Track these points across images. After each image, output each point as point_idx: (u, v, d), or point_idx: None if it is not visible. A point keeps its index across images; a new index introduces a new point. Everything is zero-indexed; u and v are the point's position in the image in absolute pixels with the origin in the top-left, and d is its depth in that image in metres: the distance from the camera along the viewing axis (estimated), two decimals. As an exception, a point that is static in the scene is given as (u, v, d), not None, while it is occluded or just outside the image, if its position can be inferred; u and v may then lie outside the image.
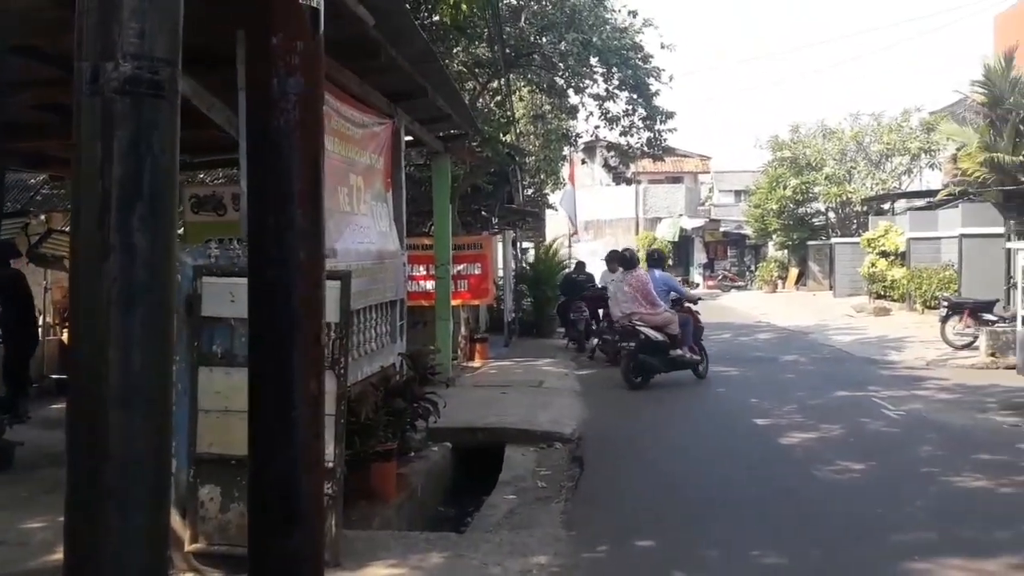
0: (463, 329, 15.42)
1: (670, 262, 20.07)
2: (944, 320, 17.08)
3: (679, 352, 13.28)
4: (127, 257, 1.78)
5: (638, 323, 13.08)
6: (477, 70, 16.55)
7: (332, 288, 5.04)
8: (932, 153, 32.70)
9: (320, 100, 2.21)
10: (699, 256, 46.50)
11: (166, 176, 1.85)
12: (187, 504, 5.17)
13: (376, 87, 8.48)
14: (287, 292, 2.05)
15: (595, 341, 16.92)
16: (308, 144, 2.08)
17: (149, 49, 1.79)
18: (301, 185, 2.06)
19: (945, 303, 17.63)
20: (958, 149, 23.16)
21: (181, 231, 12.78)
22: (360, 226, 7.91)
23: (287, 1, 2.05)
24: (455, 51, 14.78)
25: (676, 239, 43.40)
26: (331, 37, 6.31)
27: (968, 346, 16.31)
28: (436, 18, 11.93)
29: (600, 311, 17.77)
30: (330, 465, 5.05)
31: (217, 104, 6.09)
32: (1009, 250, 14.76)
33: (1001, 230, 19.35)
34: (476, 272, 15.41)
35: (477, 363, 15.15)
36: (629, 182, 27.23)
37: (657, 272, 14.42)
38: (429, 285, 13.51)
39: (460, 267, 14.90)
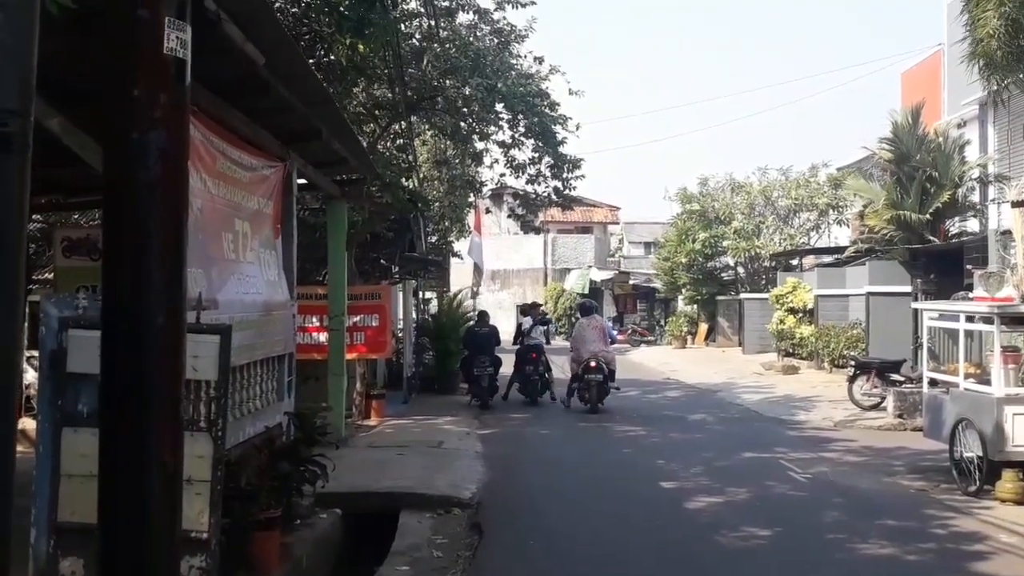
0: (358, 385, 15.21)
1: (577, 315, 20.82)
2: (851, 380, 17.59)
3: (613, 383, 17.88)
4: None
5: (602, 359, 17.50)
6: (377, 112, 16.55)
7: (211, 344, 4.93)
8: (840, 209, 33.78)
9: (185, 155, 2.16)
10: (609, 309, 47.04)
11: (12, 233, 1.77)
12: (45, 579, 4.92)
13: (268, 128, 8.40)
14: (141, 357, 1.99)
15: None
16: (170, 201, 2.04)
17: (-5, 99, 1.72)
18: (161, 244, 2.01)
19: (852, 363, 18.18)
20: (865, 206, 24.02)
21: (51, 276, 12.38)
22: (246, 275, 7.77)
23: (150, 52, 2.00)
24: (354, 92, 14.76)
25: (585, 291, 43.86)
26: (218, 75, 6.29)
27: (876, 407, 16.82)
28: (332, 58, 11.91)
29: (529, 367, 18.90)
30: (204, 536, 4.89)
31: (90, 143, 5.94)
32: (916, 310, 15.30)
33: (908, 289, 20.06)
34: (373, 324, 15.21)
35: (373, 421, 14.95)
36: (537, 231, 27.49)
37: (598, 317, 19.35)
38: (322, 337, 13.28)
39: (356, 318, 14.69)
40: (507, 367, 19.55)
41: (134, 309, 2.04)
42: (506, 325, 31.29)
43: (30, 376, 11.46)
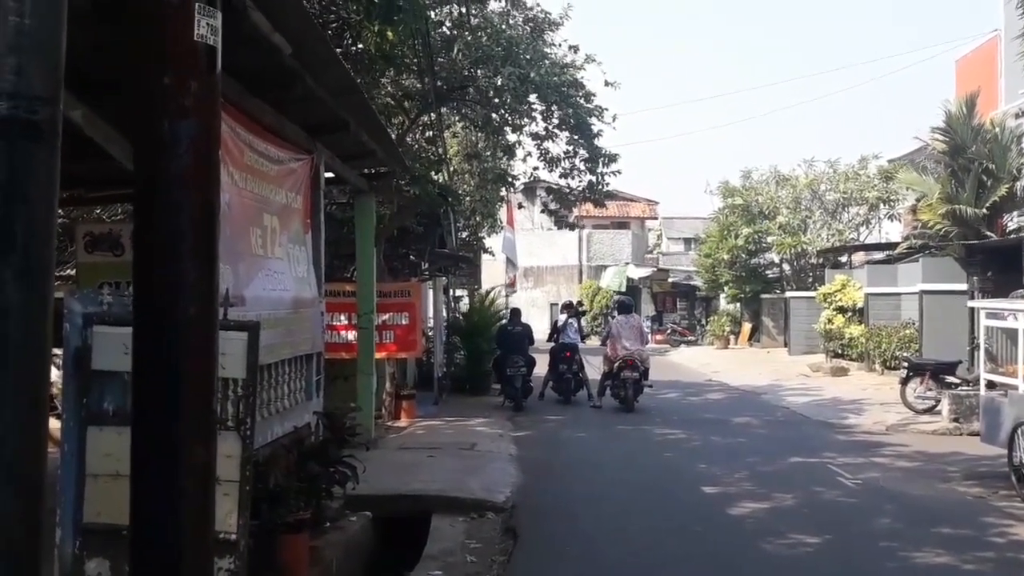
0: (388, 385, 15.29)
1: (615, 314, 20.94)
2: (904, 382, 17.42)
3: (647, 381, 18.44)
4: (-2, 314, 1.72)
5: (637, 357, 18.03)
6: (406, 103, 16.60)
7: (238, 341, 4.97)
8: (891, 203, 33.48)
9: (216, 145, 2.19)
10: (647, 308, 46.87)
11: (42, 226, 1.81)
12: (71, 581, 4.99)
13: (294, 120, 8.47)
14: (174, 353, 2.02)
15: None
16: (202, 192, 2.06)
17: (26, 87, 1.75)
18: (193, 237, 2.03)
19: (905, 364, 18.00)
20: (918, 200, 23.80)
21: (73, 272, 12.53)
22: (274, 271, 7.84)
23: (180, 38, 2.03)
24: (382, 82, 14.82)
25: (622, 288, 43.70)
26: (244, 66, 6.36)
27: (930, 410, 16.65)
28: (360, 46, 11.96)
29: (563, 366, 19.29)
30: (233, 538, 4.94)
31: (115, 136, 6.01)
32: (972, 309, 15.12)
33: (964, 287, 19.82)
34: (403, 322, 15.28)
35: (403, 422, 15.03)
36: (572, 227, 27.48)
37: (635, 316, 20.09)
38: (351, 336, 13.37)
39: (385, 316, 14.77)
40: (541, 367, 19.59)
41: (166, 303, 2.07)
42: (539, 324, 31.33)
43: (54, 374, 11.63)
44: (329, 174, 10.75)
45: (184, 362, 2.07)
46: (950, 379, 16.69)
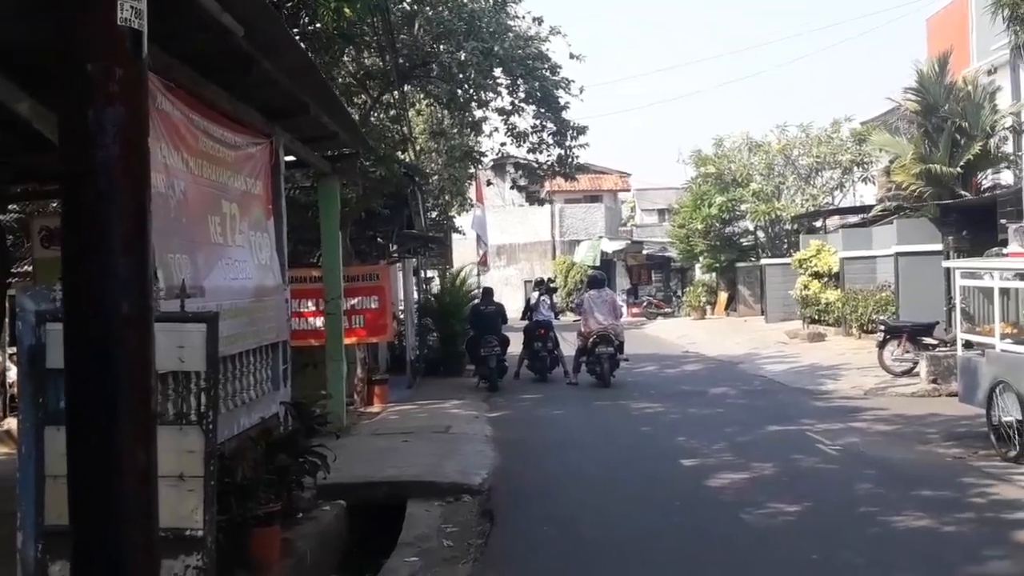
0: (359, 371, 15.25)
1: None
2: (881, 345, 17.59)
3: (623, 355, 18.48)
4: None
5: (611, 332, 18.06)
6: (368, 82, 16.50)
7: (197, 333, 4.95)
8: (864, 166, 33.65)
9: (146, 132, 2.15)
10: (622, 281, 46.97)
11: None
12: (35, 585, 4.96)
13: (252, 104, 8.38)
14: (107, 352, 1.99)
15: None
16: (132, 182, 2.03)
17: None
18: (123, 229, 2.00)
19: (882, 327, 18.17)
20: (891, 161, 23.95)
21: (29, 268, 12.41)
22: (235, 260, 7.78)
23: (104, 23, 1.99)
24: (342, 62, 14.70)
25: (596, 263, 43.75)
26: (197, 51, 6.28)
27: (908, 372, 16.83)
28: (318, 25, 11.85)
29: (537, 344, 19.35)
30: (200, 534, 4.93)
31: (62, 126, 5.92)
32: (948, 269, 15.24)
33: (939, 247, 19.98)
34: (373, 306, 15.23)
35: (376, 408, 15.01)
36: (543, 202, 27.49)
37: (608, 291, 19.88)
38: (319, 322, 13.32)
39: (354, 301, 14.72)
40: (515, 345, 19.62)
41: (97, 299, 2.04)
42: (513, 303, 31.32)
43: (13, 374, 11.53)
44: (290, 157, 10.67)
45: (119, 361, 2.04)
46: (927, 341, 16.87)
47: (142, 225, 2.08)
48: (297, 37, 8.98)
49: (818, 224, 32.86)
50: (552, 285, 24.10)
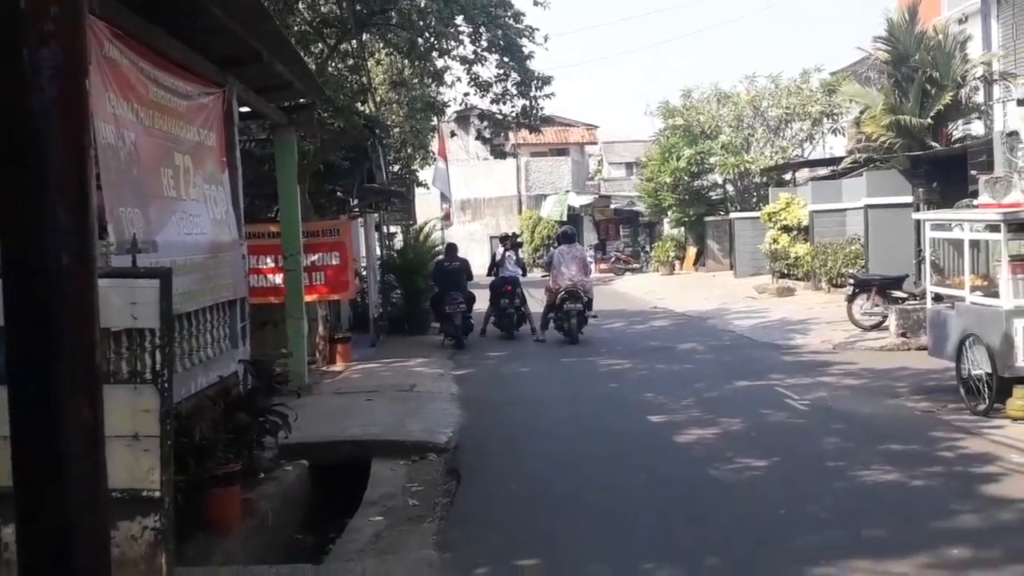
0: (321, 329, 15.21)
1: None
2: (851, 299, 17.74)
3: (591, 312, 18.59)
4: None
5: (580, 288, 18.09)
6: (325, 30, 16.25)
7: (150, 289, 4.88)
8: (834, 117, 33.75)
9: (84, 74, 2.08)
10: (589, 236, 47.01)
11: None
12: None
13: (203, 52, 8.26)
14: (47, 303, 1.94)
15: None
16: (71, 126, 1.96)
17: None
18: (63, 176, 1.94)
19: (851, 281, 18.32)
20: (861, 112, 23.98)
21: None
22: (189, 213, 7.70)
23: (35, -44, 1.92)
24: (297, 8, 14.49)
25: (563, 218, 43.76)
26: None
27: (877, 326, 17.01)
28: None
29: (504, 300, 19.42)
30: (157, 495, 4.90)
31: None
32: (918, 221, 15.35)
33: (909, 199, 20.12)
34: (333, 262, 15.13)
35: (339, 367, 14.97)
36: (508, 156, 27.34)
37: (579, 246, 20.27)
38: (278, 279, 13.24)
39: (314, 257, 14.62)
40: (481, 302, 19.62)
41: (35, 251, 1.99)
42: (479, 258, 31.28)
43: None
44: (245, 108, 10.54)
45: (60, 316, 2.00)
46: (897, 294, 17.04)
47: (83, 171, 2.02)
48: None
49: (788, 177, 32.98)
50: (518, 240, 24.08)
